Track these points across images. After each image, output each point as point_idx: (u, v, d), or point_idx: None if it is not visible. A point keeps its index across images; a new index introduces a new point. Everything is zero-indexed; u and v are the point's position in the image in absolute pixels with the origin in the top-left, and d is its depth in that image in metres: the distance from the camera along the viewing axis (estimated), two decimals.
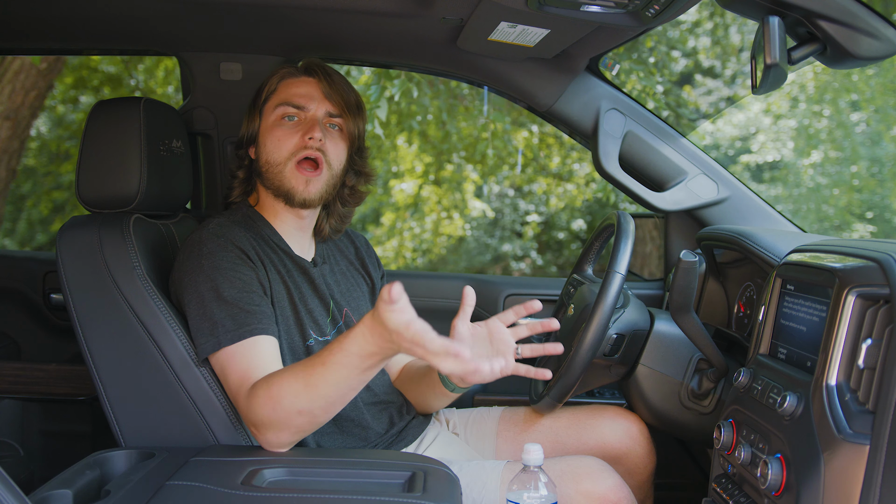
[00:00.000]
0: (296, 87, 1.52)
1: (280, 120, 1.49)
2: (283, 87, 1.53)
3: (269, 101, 1.53)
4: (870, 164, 7.48)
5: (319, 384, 1.17)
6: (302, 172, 1.47)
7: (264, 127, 1.51)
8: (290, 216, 1.53)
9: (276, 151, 1.48)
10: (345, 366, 1.14)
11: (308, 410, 1.20)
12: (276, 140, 1.48)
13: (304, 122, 1.49)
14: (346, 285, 1.62)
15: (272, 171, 1.48)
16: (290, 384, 1.19)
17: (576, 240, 8.14)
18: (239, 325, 1.30)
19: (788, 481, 1.06)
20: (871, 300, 1.04)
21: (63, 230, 1.41)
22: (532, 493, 1.13)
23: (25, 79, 4.60)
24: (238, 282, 1.34)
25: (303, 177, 1.47)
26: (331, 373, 1.16)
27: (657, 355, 1.57)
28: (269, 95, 1.53)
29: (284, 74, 1.55)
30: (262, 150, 1.50)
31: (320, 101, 1.51)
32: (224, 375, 1.31)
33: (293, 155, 1.47)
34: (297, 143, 1.47)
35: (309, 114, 1.50)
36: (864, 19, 1.17)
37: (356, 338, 1.13)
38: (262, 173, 1.51)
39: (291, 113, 1.49)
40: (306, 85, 1.52)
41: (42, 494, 1.07)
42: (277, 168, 1.47)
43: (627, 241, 1.45)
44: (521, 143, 6.95)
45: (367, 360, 1.14)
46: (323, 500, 1.08)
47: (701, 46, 7.78)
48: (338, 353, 1.15)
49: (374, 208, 8.06)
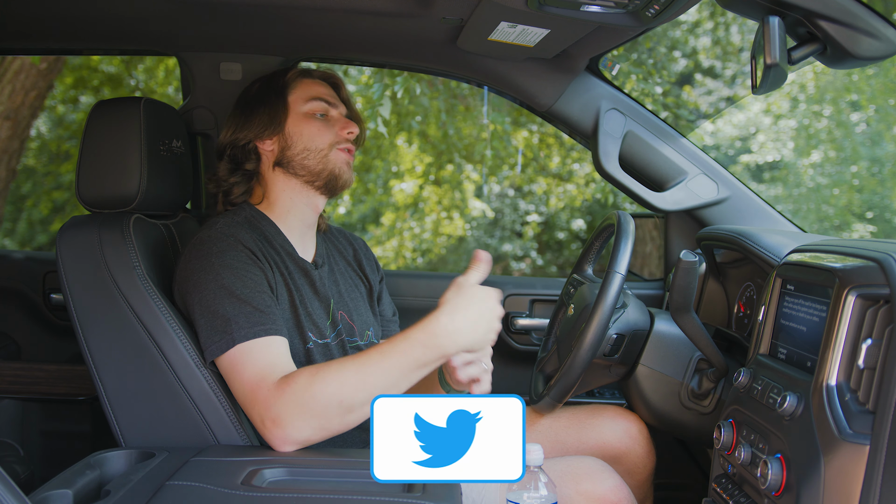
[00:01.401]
0: (319, 87, 1.59)
1: (312, 114, 1.55)
2: (307, 84, 1.58)
3: (294, 93, 1.57)
4: (870, 164, 7.48)
5: (373, 372, 1.23)
6: (346, 154, 1.55)
7: (294, 118, 1.54)
8: (304, 210, 1.55)
9: (318, 139, 1.53)
10: (402, 358, 1.24)
11: (349, 403, 1.22)
12: (315, 129, 1.54)
13: (335, 118, 1.57)
14: (346, 286, 1.63)
15: (314, 157, 1.52)
16: (341, 369, 1.23)
17: (576, 240, 8.14)
18: (253, 324, 1.30)
19: (788, 481, 1.06)
20: (871, 300, 1.04)
21: (63, 230, 1.41)
22: (532, 493, 1.13)
23: (25, 79, 4.60)
24: (250, 281, 1.34)
25: (346, 158, 1.55)
26: (388, 360, 1.23)
27: (657, 355, 1.57)
28: (293, 88, 1.57)
29: (303, 73, 1.61)
30: (298, 139, 1.53)
31: (340, 104, 1.60)
32: (237, 371, 1.29)
33: (335, 143, 1.54)
34: (336, 136, 1.55)
35: (336, 111, 1.58)
36: (864, 19, 1.17)
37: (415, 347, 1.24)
38: (293, 162, 1.53)
39: (323, 110, 1.56)
40: (326, 87, 1.60)
41: (42, 494, 1.07)
42: (321, 153, 1.53)
43: (627, 241, 1.45)
44: (521, 143, 6.95)
45: (421, 368, 1.25)
46: (323, 500, 1.08)
47: (701, 46, 7.78)
48: (398, 347, 1.24)
49: (374, 208, 8.06)
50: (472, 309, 1.25)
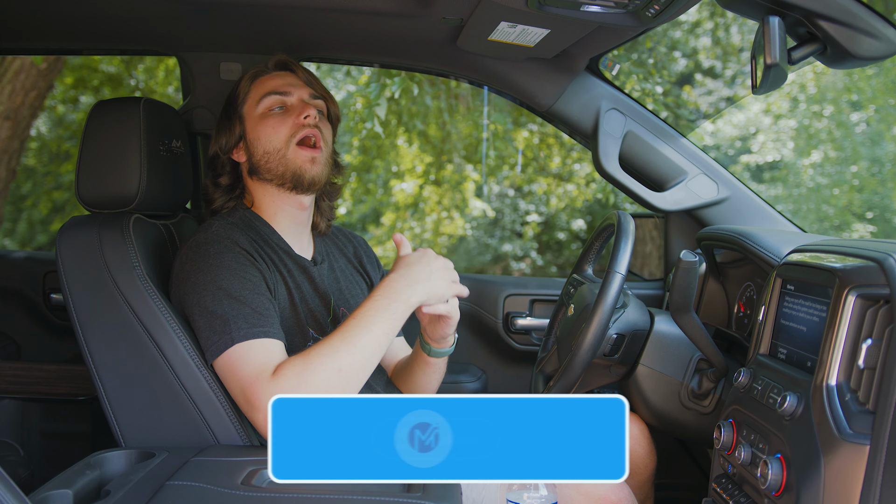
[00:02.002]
0: (272, 80, 1.55)
1: (267, 112, 1.52)
2: (259, 84, 1.55)
3: (248, 100, 1.54)
4: (870, 164, 7.48)
5: (358, 334, 1.29)
6: (305, 150, 1.50)
7: (251, 123, 1.53)
8: (291, 211, 1.54)
9: (274, 138, 1.50)
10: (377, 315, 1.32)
11: (347, 371, 1.26)
12: (270, 129, 1.50)
13: (293, 107, 1.53)
14: (346, 283, 1.63)
15: (273, 159, 1.50)
16: (329, 344, 1.28)
17: (576, 240, 8.14)
18: (251, 325, 1.30)
19: (788, 481, 1.06)
20: (871, 300, 1.04)
21: (63, 230, 1.41)
22: (532, 493, 1.13)
23: (25, 79, 4.60)
24: (248, 283, 1.34)
25: (307, 154, 1.50)
26: (366, 321, 1.30)
27: (657, 355, 1.57)
28: (245, 95, 1.55)
29: (255, 74, 1.57)
30: (257, 144, 1.51)
31: (301, 87, 1.55)
32: (235, 370, 1.29)
33: (292, 136, 1.50)
34: (293, 125, 1.50)
35: (294, 98, 1.53)
36: (864, 19, 1.17)
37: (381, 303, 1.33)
38: (259, 167, 1.52)
39: (278, 102, 1.52)
40: (281, 77, 1.56)
41: (42, 494, 1.07)
42: (279, 154, 1.49)
43: (627, 241, 1.45)
44: (521, 144, 6.95)
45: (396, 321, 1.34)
46: (323, 500, 1.08)
47: (701, 46, 7.78)
48: (370, 309, 1.32)
49: (374, 208, 8.06)
50: (417, 266, 1.39)
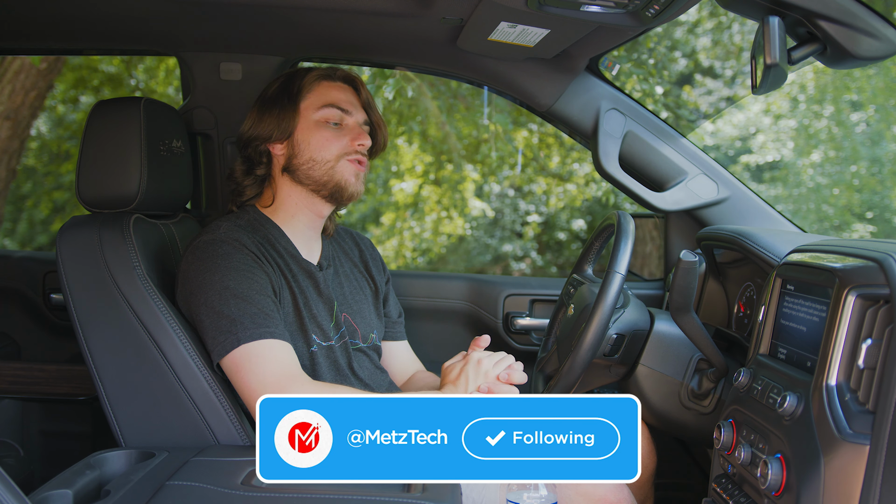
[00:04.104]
0: (337, 91, 1.54)
1: (325, 122, 1.51)
2: (324, 88, 1.53)
3: (307, 99, 1.52)
4: (870, 164, 7.48)
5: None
6: (354, 166, 1.51)
7: (305, 125, 1.51)
8: (309, 216, 1.54)
9: (325, 150, 1.50)
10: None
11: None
12: (323, 140, 1.50)
13: (349, 128, 1.53)
14: (350, 288, 1.62)
15: (319, 168, 1.50)
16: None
17: (576, 240, 8.14)
18: (258, 325, 1.30)
19: (788, 481, 1.06)
20: (871, 300, 1.04)
21: (63, 230, 1.41)
22: (532, 493, 1.13)
23: (25, 79, 4.60)
24: (255, 284, 1.34)
25: (355, 170, 1.51)
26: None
27: (657, 355, 1.57)
28: (307, 93, 1.53)
29: (322, 75, 1.55)
30: (305, 148, 1.50)
31: (360, 110, 1.56)
32: (242, 372, 1.29)
33: (343, 155, 1.50)
34: (347, 146, 1.51)
35: (352, 120, 1.54)
36: (864, 19, 1.17)
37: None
38: (298, 170, 1.51)
39: (336, 118, 1.52)
40: (346, 92, 1.55)
41: (42, 494, 1.07)
42: (327, 165, 1.50)
43: (627, 241, 1.45)
44: (521, 143, 6.95)
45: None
46: (323, 500, 1.08)
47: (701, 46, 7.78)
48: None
49: (374, 208, 8.06)
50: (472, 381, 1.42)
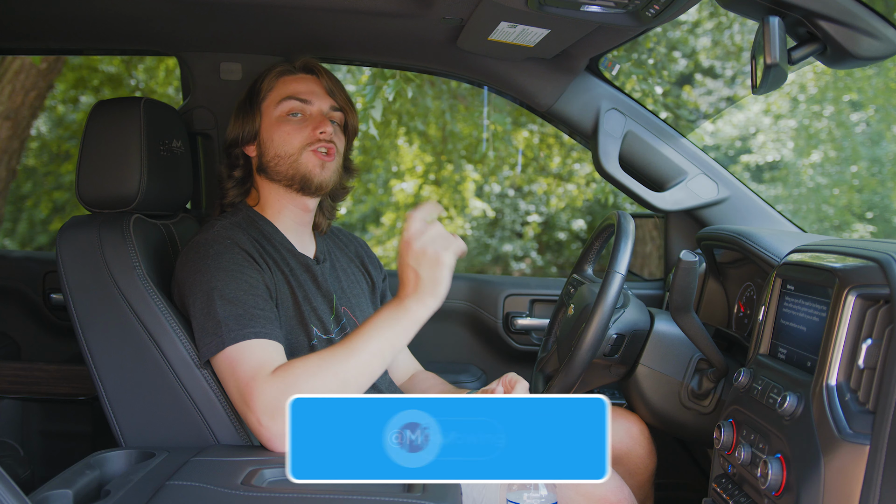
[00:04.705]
0: (296, 83, 1.54)
1: (285, 115, 1.52)
2: (283, 83, 1.54)
3: (268, 98, 1.54)
4: (870, 164, 7.48)
5: (360, 347, 1.26)
6: (318, 156, 1.50)
7: (267, 123, 1.53)
8: (294, 210, 1.54)
9: (287, 144, 1.50)
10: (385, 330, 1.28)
11: (344, 375, 1.24)
12: (284, 134, 1.50)
13: (311, 117, 1.52)
14: (348, 282, 1.63)
15: (284, 163, 1.50)
16: (331, 351, 1.26)
17: (576, 240, 8.15)
18: (243, 326, 1.29)
19: (788, 481, 1.06)
20: (871, 300, 1.04)
21: (63, 230, 1.41)
22: (532, 493, 1.13)
23: (25, 79, 4.60)
24: (245, 284, 1.34)
25: (318, 160, 1.50)
26: (373, 334, 1.27)
27: (657, 355, 1.57)
28: (267, 92, 1.54)
29: (282, 72, 1.56)
30: (269, 146, 1.51)
31: (323, 97, 1.54)
32: (231, 370, 1.28)
33: (306, 146, 1.50)
34: (308, 136, 1.50)
35: (314, 108, 1.53)
36: (864, 19, 1.17)
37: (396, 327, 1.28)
38: (268, 168, 1.52)
39: (297, 108, 1.52)
40: (307, 82, 1.55)
41: (42, 494, 1.07)
42: (290, 158, 1.50)
43: (627, 241, 1.45)
44: (522, 144, 6.95)
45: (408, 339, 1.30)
46: (323, 500, 1.08)
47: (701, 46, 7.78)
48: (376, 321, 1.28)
49: (374, 208, 8.07)
50: (432, 272, 1.29)
